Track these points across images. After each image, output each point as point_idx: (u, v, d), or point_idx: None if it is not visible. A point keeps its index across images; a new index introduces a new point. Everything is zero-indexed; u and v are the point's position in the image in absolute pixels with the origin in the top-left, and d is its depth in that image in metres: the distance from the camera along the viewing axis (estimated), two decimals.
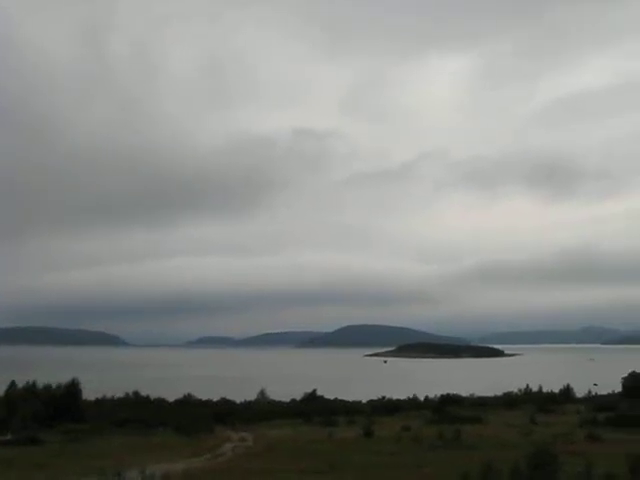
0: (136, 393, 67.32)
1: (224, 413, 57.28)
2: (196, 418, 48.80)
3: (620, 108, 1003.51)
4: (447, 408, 60.39)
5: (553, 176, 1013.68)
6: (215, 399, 70.37)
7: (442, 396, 74.63)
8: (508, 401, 71.11)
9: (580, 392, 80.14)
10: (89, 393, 60.55)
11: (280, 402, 73.05)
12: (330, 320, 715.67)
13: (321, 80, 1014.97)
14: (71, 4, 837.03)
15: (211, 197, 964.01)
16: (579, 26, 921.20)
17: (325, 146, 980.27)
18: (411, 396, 77.63)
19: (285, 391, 79.38)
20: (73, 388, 53.70)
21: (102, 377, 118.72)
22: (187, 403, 65.61)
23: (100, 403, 62.26)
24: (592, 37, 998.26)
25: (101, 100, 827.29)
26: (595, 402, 65.07)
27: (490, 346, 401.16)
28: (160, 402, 65.47)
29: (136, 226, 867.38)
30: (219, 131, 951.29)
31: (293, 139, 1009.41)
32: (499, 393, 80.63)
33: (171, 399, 67.82)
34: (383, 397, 77.81)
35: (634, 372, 79.72)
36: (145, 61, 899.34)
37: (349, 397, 79.45)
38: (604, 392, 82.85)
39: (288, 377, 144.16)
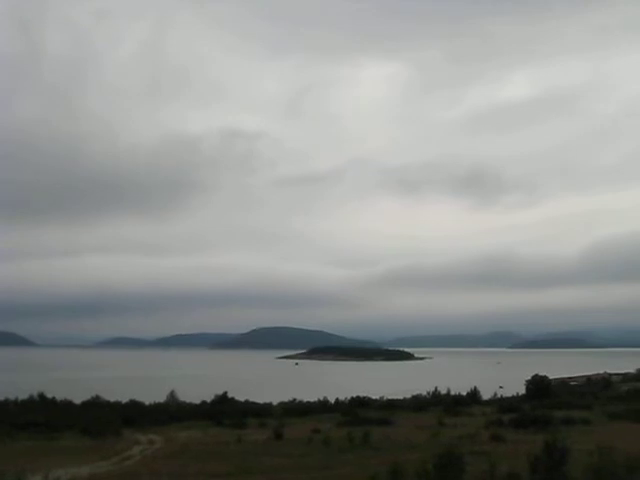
0: (41, 395, 65.48)
1: (133, 415, 56.25)
2: (104, 420, 47.77)
3: (541, 120, 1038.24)
4: (357, 410, 60.94)
5: (476, 184, 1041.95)
6: (124, 401, 69.02)
7: (352, 398, 75.25)
8: (417, 404, 72.23)
9: (486, 394, 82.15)
10: None
11: (190, 404, 72.30)
12: (244, 322, 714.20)
13: (255, 80, 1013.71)
14: None
15: (132, 196, 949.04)
16: (509, 37, 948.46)
17: (252, 148, 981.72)
18: (322, 398, 77.98)
19: (195, 393, 78.62)
20: None
21: (6, 379, 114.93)
22: (95, 405, 64.09)
23: (2, 406, 60.22)
24: (520, 48, 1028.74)
25: (27, 95, 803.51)
26: (500, 404, 66.76)
27: (401, 349, 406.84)
28: (67, 404, 63.81)
29: (53, 224, 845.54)
30: (146, 129, 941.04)
31: (220, 139, 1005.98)
32: (408, 396, 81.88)
33: (78, 401, 66.18)
34: (294, 399, 78.02)
35: (537, 375, 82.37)
36: (76, 57, 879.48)
37: (260, 399, 79.26)
38: (509, 394, 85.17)
39: (199, 378, 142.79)
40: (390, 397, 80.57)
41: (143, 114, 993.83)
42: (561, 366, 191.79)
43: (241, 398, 77.65)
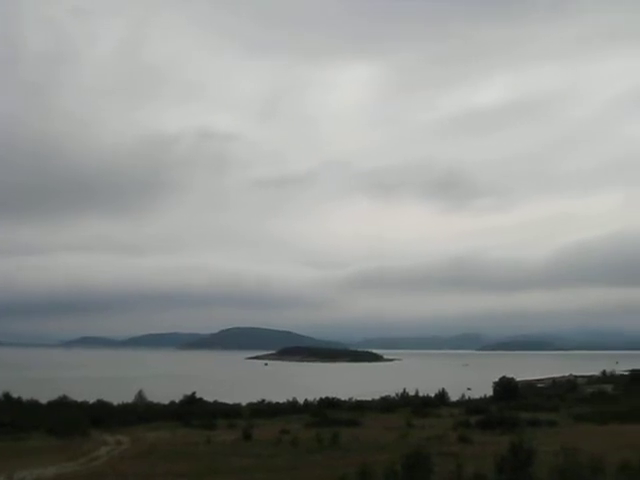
0: (7, 395, 64.72)
1: (100, 415, 55.81)
2: (71, 421, 47.33)
3: (515, 125, 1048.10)
4: (326, 411, 61.04)
5: (449, 187, 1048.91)
6: (91, 401, 68.46)
7: (321, 399, 75.36)
8: (385, 405, 72.53)
9: (454, 396, 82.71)
10: None
11: (159, 404, 71.90)
12: (215, 322, 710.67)
13: (233, 80, 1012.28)
14: None
15: (107, 195, 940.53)
16: (486, 41, 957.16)
17: (227, 148, 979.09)
18: (291, 399, 77.99)
19: (164, 393, 78.24)
20: None
21: None
22: (62, 405, 63.44)
23: None
24: (497, 53, 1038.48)
25: (3, 93, 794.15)
26: (468, 405, 67.28)
27: (370, 351, 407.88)
28: (33, 404, 63.13)
29: (27, 223, 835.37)
30: (122, 129, 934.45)
31: (196, 140, 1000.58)
32: (377, 397, 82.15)
33: (45, 401, 65.51)
34: (263, 400, 77.93)
35: (504, 377, 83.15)
36: (53, 55, 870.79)
37: (229, 400, 79.07)
38: (477, 396, 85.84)
39: (168, 378, 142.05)
40: (359, 398, 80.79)
41: (120, 113, 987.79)
42: (528, 368, 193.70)
43: (210, 399, 77.43)
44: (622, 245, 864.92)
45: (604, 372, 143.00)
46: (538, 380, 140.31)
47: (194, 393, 74.72)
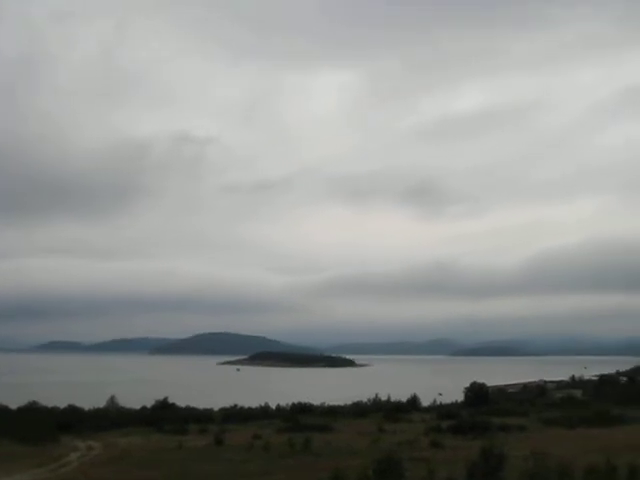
0: None
1: (71, 421, 55.41)
2: (41, 427, 46.92)
3: (488, 133, 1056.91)
4: (298, 417, 61.06)
5: (424, 194, 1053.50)
6: (62, 406, 67.83)
7: (293, 405, 75.35)
8: (358, 410, 72.67)
9: (426, 401, 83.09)
10: None
11: (131, 409, 71.46)
12: (186, 327, 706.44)
13: (210, 85, 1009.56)
14: None
15: (79, 199, 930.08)
16: (462, 50, 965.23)
17: (202, 153, 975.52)
18: (263, 404, 77.89)
19: (136, 398, 77.75)
20: None
21: None
22: (32, 411, 62.81)
23: None
24: (472, 62, 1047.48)
25: None
26: (439, 411, 67.62)
27: (342, 356, 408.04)
28: (2, 410, 62.43)
29: None
30: (97, 132, 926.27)
31: (171, 144, 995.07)
32: (349, 402, 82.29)
33: (14, 407, 64.79)
34: (235, 405, 77.72)
35: (475, 382, 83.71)
36: (29, 57, 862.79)
37: (201, 405, 78.79)
38: (448, 401, 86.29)
39: (139, 383, 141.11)
40: (331, 403, 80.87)
41: (96, 117, 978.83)
42: (499, 373, 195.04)
43: (182, 404, 77.10)
44: (592, 252, 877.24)
45: (573, 377, 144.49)
46: (509, 385, 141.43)
47: (166, 398, 74.34)
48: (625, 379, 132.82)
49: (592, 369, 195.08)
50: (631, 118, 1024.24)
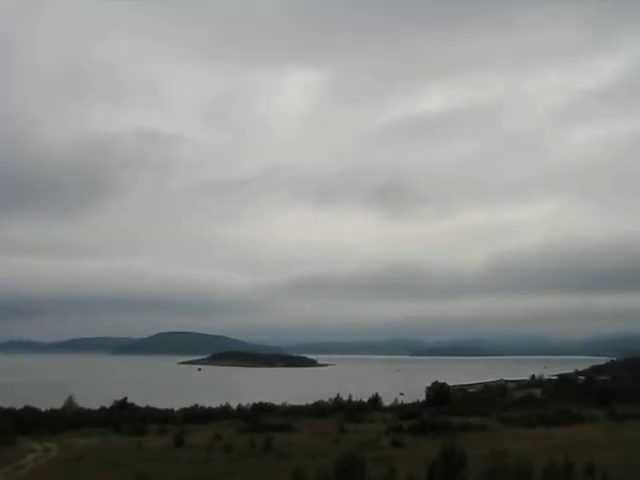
0: None
1: (27, 422, 54.43)
2: None
3: (455, 134, 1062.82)
4: (259, 416, 60.78)
5: (391, 195, 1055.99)
6: (18, 407, 66.58)
7: (254, 404, 75.00)
8: (319, 410, 72.53)
9: (388, 401, 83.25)
10: None
11: (89, 410, 70.47)
12: (148, 326, 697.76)
13: (180, 84, 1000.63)
14: None
15: (44, 196, 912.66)
16: (430, 51, 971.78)
17: (171, 152, 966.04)
18: (224, 404, 77.38)
19: (94, 398, 76.75)
20: None
21: None
22: None
23: None
24: (440, 64, 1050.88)
25: None
26: (401, 410, 67.82)
27: (304, 356, 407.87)
28: None
29: None
30: (63, 129, 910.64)
31: (139, 142, 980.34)
32: (310, 402, 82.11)
33: None
34: (196, 405, 77.10)
35: (437, 382, 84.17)
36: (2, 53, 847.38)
37: (161, 405, 78.02)
38: (410, 401, 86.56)
39: (98, 383, 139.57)
40: (292, 403, 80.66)
41: (61, 113, 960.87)
42: (460, 373, 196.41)
43: (142, 404, 76.25)
44: (551, 253, 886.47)
45: (533, 377, 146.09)
46: (470, 385, 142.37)
47: (125, 398, 73.53)
48: (583, 378, 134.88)
49: (552, 369, 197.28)
50: (591, 122, 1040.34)
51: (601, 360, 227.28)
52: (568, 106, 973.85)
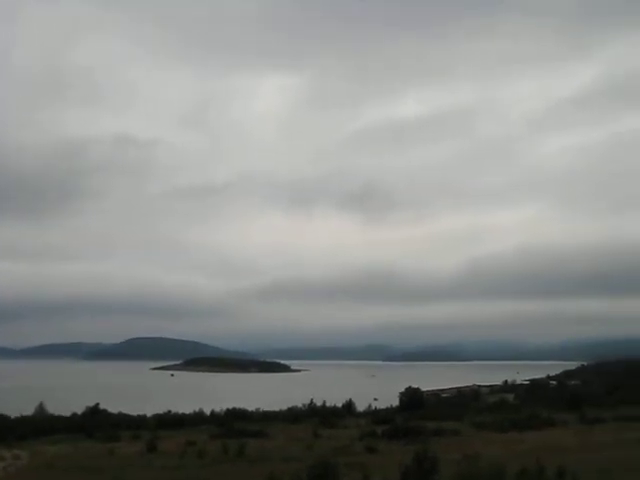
0: None
1: None
2: None
3: (433, 140, 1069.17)
4: (233, 422, 60.58)
5: (366, 200, 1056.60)
6: None
7: (228, 410, 74.72)
8: (293, 415, 72.47)
9: (361, 406, 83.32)
10: None
11: (60, 416, 69.75)
12: (121, 332, 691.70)
13: (156, 88, 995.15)
14: None
15: (17, 200, 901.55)
16: (408, 57, 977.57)
17: (147, 156, 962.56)
18: (197, 410, 76.99)
19: (66, 405, 76.02)
20: None
21: None
22: None
23: None
24: (417, 70, 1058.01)
25: None
26: (375, 416, 67.93)
27: (277, 361, 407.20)
28: None
29: None
30: (37, 132, 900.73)
31: (115, 146, 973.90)
32: (284, 408, 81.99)
33: None
34: (169, 411, 76.63)
35: (410, 387, 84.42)
36: None
37: (133, 411, 77.46)
38: (383, 406, 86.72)
39: (70, 390, 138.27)
40: (266, 409, 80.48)
41: (37, 116, 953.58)
42: (434, 379, 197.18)
43: (114, 410, 75.64)
44: (526, 259, 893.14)
45: (506, 382, 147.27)
46: (443, 390, 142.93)
47: (97, 404, 72.89)
48: (555, 383, 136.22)
49: (524, 374, 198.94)
50: (566, 129, 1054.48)
51: (572, 365, 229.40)
52: (543, 112, 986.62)
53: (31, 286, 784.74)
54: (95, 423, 60.33)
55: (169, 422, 65.47)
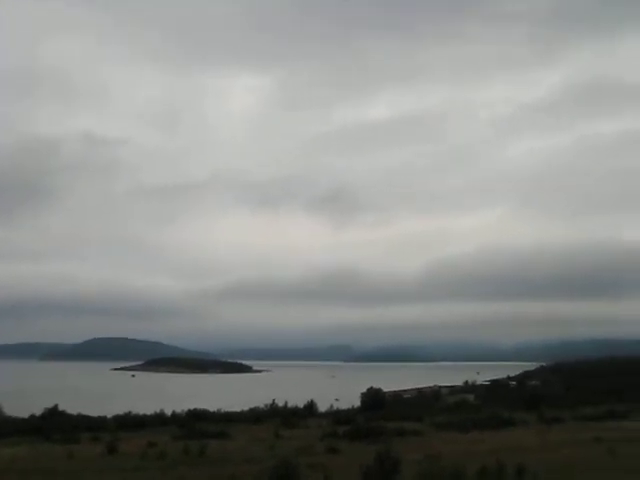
0: None
1: None
2: None
3: (399, 142, 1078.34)
4: (194, 423, 60.21)
5: (333, 202, 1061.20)
6: None
7: (189, 411, 74.25)
8: (254, 416, 72.28)
9: (323, 407, 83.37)
10: None
11: (17, 418, 68.69)
12: (80, 332, 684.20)
13: (127, 87, 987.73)
14: None
15: None
16: (378, 61, 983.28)
17: (116, 155, 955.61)
18: (158, 411, 76.39)
19: (23, 406, 74.87)
20: None
21: None
22: None
23: None
24: (386, 73, 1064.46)
25: None
26: (336, 416, 68.00)
27: (239, 362, 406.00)
28: None
29: None
30: (8, 130, 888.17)
31: (83, 145, 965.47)
32: (246, 408, 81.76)
33: None
34: (129, 412, 75.91)
35: (372, 388, 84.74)
36: None
37: (93, 412, 76.58)
38: (345, 407, 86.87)
39: (27, 391, 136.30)
40: (227, 410, 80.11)
41: (6, 114, 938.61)
42: (395, 379, 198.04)
43: (73, 411, 74.66)
44: (487, 261, 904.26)
45: (466, 382, 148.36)
46: (404, 391, 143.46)
47: (56, 406, 71.85)
48: (515, 383, 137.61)
49: (485, 374, 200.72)
50: (532, 133, 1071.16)
51: (531, 365, 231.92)
52: (510, 117, 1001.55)
53: None
54: (54, 425, 59.42)
55: (130, 423, 64.84)
